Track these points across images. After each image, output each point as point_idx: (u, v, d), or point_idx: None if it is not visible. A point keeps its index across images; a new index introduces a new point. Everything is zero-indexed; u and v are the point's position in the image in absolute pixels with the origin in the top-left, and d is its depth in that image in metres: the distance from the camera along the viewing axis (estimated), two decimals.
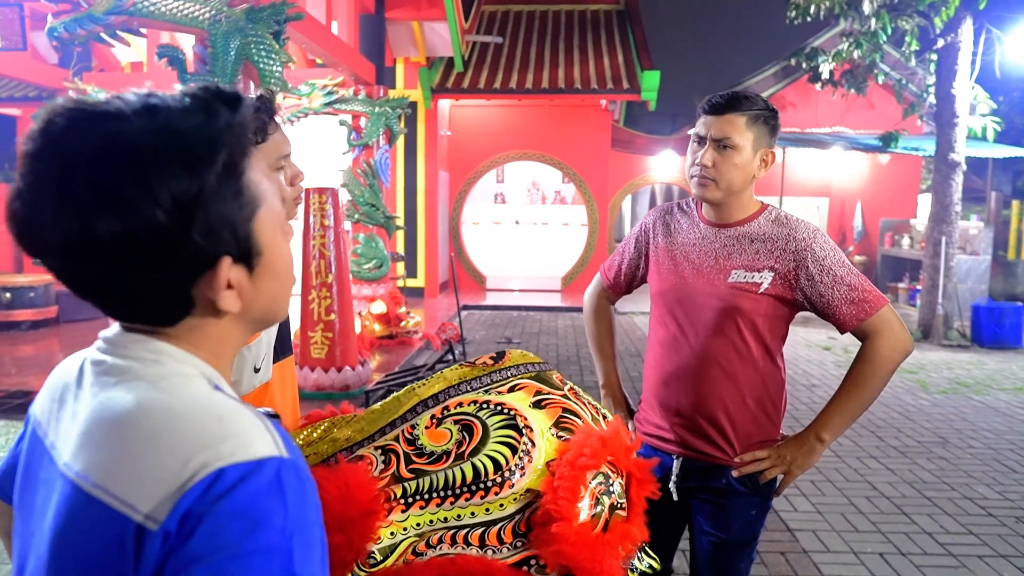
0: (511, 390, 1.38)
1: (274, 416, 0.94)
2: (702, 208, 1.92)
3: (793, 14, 9.91)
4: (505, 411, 1.33)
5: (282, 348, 1.56)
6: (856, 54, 9.95)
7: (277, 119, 1.44)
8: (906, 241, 12.53)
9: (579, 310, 10.73)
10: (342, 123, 8.25)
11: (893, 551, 3.54)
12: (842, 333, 1.82)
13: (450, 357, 6.57)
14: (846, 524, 3.84)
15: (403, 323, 8.31)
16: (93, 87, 9.01)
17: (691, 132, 1.86)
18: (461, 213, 13.47)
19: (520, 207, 14.51)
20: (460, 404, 1.35)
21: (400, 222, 10.48)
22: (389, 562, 1.23)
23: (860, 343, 1.81)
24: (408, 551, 1.24)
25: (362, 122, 8.23)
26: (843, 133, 13.12)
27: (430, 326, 9.06)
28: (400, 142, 11.34)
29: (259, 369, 1.47)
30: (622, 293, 2.17)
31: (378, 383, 5.78)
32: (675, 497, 1.91)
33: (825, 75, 10.83)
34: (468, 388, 1.38)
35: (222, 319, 0.77)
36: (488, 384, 1.39)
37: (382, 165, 8.48)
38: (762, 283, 1.78)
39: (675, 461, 1.90)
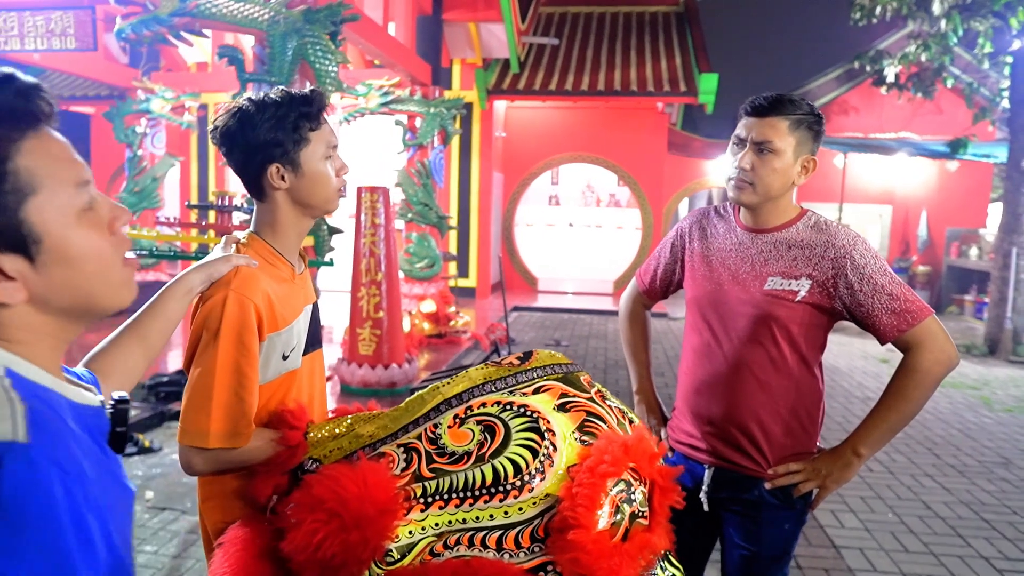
0: (536, 392, 1.36)
1: (123, 401, 0.91)
2: (739, 213, 1.88)
3: (858, 15, 9.66)
4: (528, 413, 1.31)
5: (311, 342, 1.59)
6: (924, 57, 9.64)
7: (326, 116, 1.50)
8: (974, 251, 12.06)
9: None
10: (397, 123, 8.35)
11: (945, 575, 3.41)
12: (882, 344, 1.75)
13: (496, 358, 6.58)
14: (896, 544, 3.71)
15: (452, 322, 8.36)
16: (160, 86, 9.34)
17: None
18: (514, 214, 13.49)
19: (574, 209, 14.45)
20: (484, 404, 1.35)
21: (453, 222, 10.57)
22: (406, 561, 1.23)
23: (903, 355, 1.74)
24: (425, 551, 1.24)
25: (417, 122, 8.32)
26: (908, 138, 12.69)
27: (480, 326, 9.09)
28: (455, 143, 11.42)
29: (287, 357, 1.49)
30: (658, 298, 2.13)
31: (424, 381, 5.81)
32: (705, 508, 1.87)
33: (890, 79, 10.52)
34: (493, 388, 1.38)
35: (16, 309, 0.76)
36: (513, 385, 1.38)
37: (436, 165, 8.55)
38: (799, 291, 1.73)
39: (706, 471, 1.86)
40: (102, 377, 1.20)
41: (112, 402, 0.90)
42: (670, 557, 1.39)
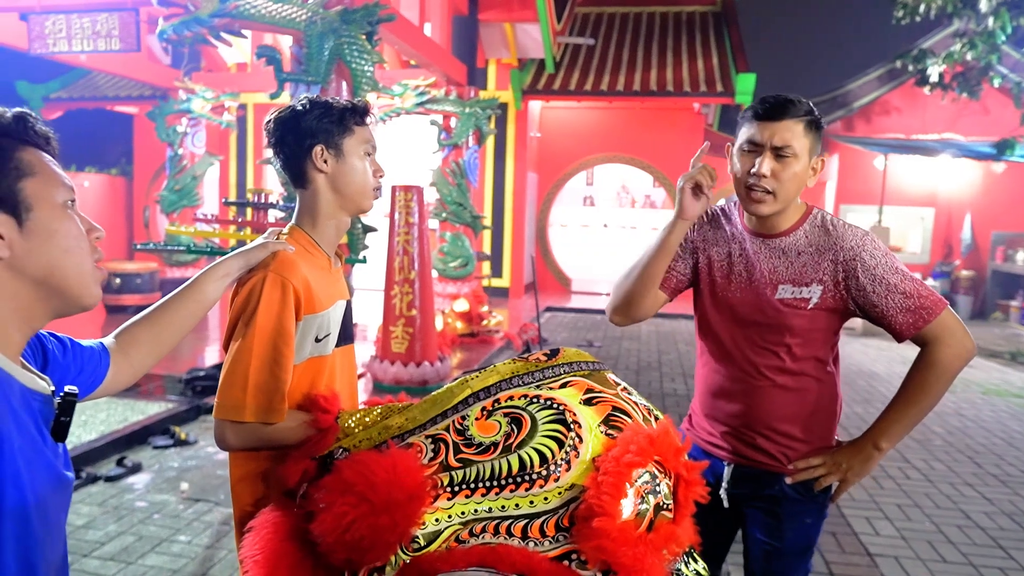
0: (562, 386, 1.38)
1: (72, 394, 1.01)
2: (744, 216, 1.83)
3: (901, 14, 9.47)
4: (554, 406, 1.33)
5: (344, 336, 1.64)
6: (970, 55, 9.42)
7: (369, 119, 1.62)
8: (1020, 256, 11.74)
9: (664, 316, 10.55)
10: (433, 123, 8.40)
11: None
12: (899, 342, 1.74)
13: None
14: (933, 553, 3.63)
15: (485, 322, 8.39)
16: (201, 86, 9.51)
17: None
18: (548, 214, 13.48)
19: (609, 210, 14.39)
20: (511, 398, 1.37)
21: (487, 222, 10.58)
22: (432, 548, 1.25)
23: (920, 348, 1.73)
24: (451, 538, 1.26)
25: (452, 122, 8.35)
26: (953, 140, 12.40)
27: (513, 326, 9.11)
28: (490, 143, 11.45)
29: (320, 340, 1.55)
30: (668, 293, 1.96)
31: (454, 379, 5.85)
32: (726, 504, 1.86)
33: (934, 78, 10.29)
34: (520, 383, 1.40)
35: None
36: (540, 380, 1.40)
37: (471, 165, 8.58)
38: (811, 298, 1.72)
39: (727, 467, 1.85)
40: (130, 347, 1.30)
41: (62, 393, 1.00)
42: (694, 553, 1.39)
